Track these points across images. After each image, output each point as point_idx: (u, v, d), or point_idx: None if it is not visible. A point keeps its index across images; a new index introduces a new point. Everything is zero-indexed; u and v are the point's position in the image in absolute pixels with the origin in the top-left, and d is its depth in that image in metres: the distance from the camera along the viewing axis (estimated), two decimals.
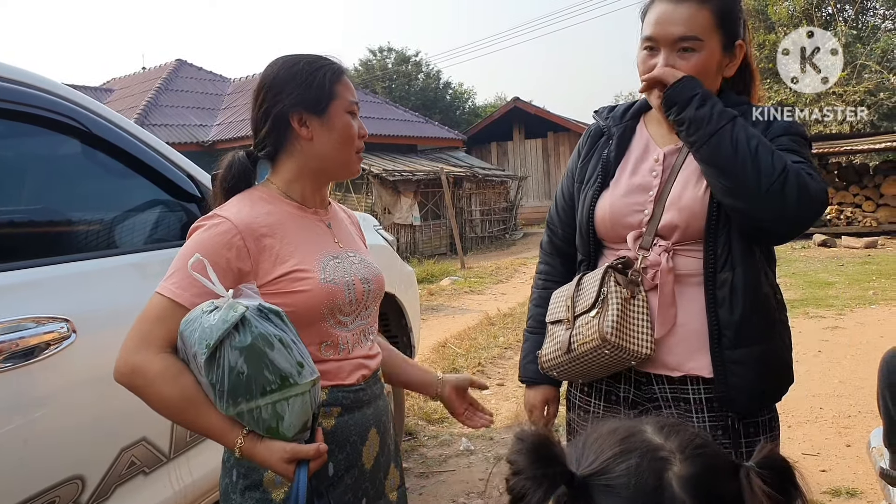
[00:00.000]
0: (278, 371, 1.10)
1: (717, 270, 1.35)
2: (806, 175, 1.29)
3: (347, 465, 1.31)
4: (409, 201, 15.64)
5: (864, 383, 4.48)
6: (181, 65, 20.08)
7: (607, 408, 1.50)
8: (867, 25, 18.15)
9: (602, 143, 1.55)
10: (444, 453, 3.77)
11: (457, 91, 34.30)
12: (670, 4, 1.36)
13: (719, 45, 1.37)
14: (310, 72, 1.33)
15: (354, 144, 1.38)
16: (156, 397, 1.17)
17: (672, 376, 1.40)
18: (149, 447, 1.82)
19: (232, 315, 1.09)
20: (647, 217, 1.41)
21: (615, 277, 1.39)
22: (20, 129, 1.84)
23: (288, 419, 1.12)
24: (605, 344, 1.33)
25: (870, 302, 7.42)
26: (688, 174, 1.39)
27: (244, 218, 1.27)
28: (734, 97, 1.45)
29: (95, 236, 2.03)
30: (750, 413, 1.38)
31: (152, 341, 1.17)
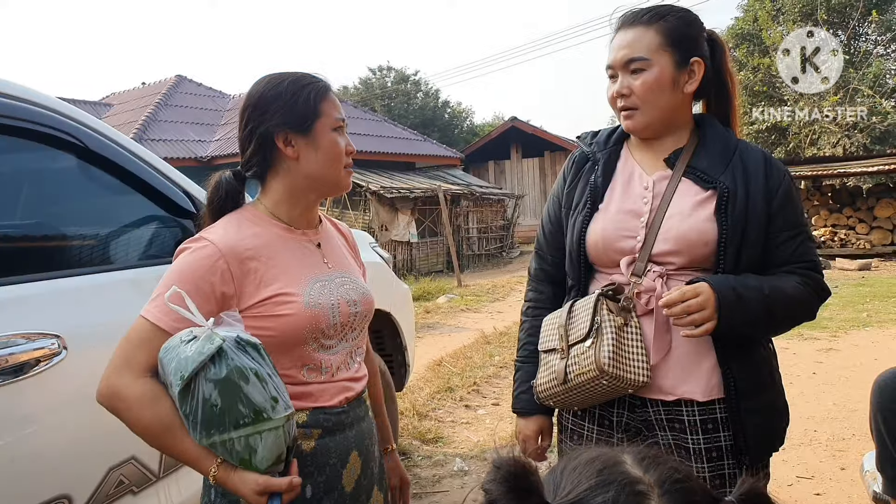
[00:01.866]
0: (252, 405, 1.10)
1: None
2: (819, 273, 1.41)
3: (327, 488, 1.30)
4: (406, 218, 15.66)
5: (858, 406, 4.47)
6: (181, 80, 20.17)
7: (600, 431, 1.49)
8: (859, 50, 18.35)
9: (588, 168, 1.56)
10: (437, 473, 3.74)
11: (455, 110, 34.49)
12: (622, 32, 1.44)
13: (671, 62, 1.40)
14: (294, 91, 1.32)
15: (342, 161, 1.37)
16: (133, 421, 1.18)
17: (666, 400, 1.40)
18: (138, 466, 1.80)
19: (208, 347, 1.09)
20: (639, 244, 1.42)
21: (607, 305, 1.40)
22: (15, 145, 1.84)
23: (261, 452, 1.12)
24: (603, 375, 1.34)
25: (864, 324, 7.43)
26: (683, 204, 1.40)
27: (229, 241, 1.26)
28: (720, 129, 1.47)
29: (89, 252, 2.02)
30: (763, 455, 1.40)
31: (133, 365, 1.18)
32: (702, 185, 1.40)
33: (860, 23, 18.21)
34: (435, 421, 4.62)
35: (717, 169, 1.40)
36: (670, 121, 1.45)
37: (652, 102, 1.41)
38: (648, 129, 1.46)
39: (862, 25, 18.50)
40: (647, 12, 1.43)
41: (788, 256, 1.39)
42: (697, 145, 1.44)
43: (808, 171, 14.78)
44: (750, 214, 1.37)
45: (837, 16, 17.98)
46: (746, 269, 1.37)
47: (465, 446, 4.17)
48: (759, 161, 1.41)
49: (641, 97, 1.41)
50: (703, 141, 1.45)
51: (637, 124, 1.44)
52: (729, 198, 1.37)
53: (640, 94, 1.40)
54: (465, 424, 4.60)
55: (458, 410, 4.92)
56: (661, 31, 1.40)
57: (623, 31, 1.44)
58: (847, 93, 16.93)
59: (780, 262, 1.40)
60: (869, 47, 18.76)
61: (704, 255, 1.38)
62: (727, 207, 1.36)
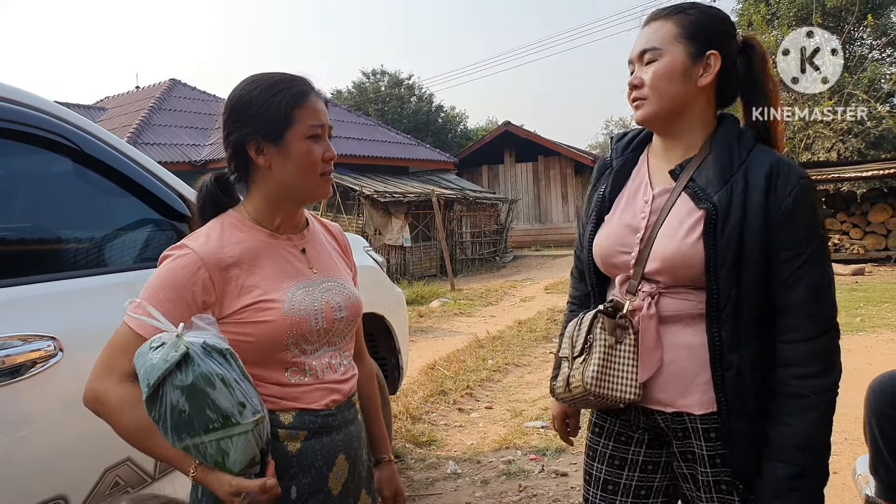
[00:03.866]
0: (220, 410, 1.11)
1: (723, 352, 1.33)
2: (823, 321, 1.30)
3: (312, 490, 1.30)
4: (399, 223, 15.67)
5: (850, 410, 4.45)
6: (175, 84, 20.13)
7: (623, 424, 1.53)
8: (855, 55, 18.46)
9: (605, 176, 1.56)
10: (431, 476, 3.74)
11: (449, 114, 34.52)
12: (644, 29, 1.44)
13: (684, 52, 1.37)
14: (266, 98, 1.29)
15: (316, 170, 1.33)
16: (116, 425, 1.20)
17: (666, 411, 1.41)
18: (133, 468, 1.80)
19: (173, 354, 1.10)
20: (633, 260, 1.41)
21: (602, 322, 1.41)
22: (10, 147, 1.84)
23: (233, 456, 1.13)
24: (589, 393, 1.39)
25: (857, 329, 7.45)
26: (674, 223, 1.37)
27: (211, 248, 1.26)
28: (733, 135, 1.39)
29: (85, 254, 2.02)
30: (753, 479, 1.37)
31: (115, 370, 1.20)
32: (696, 202, 1.35)
33: (855, 27, 18.34)
34: (428, 424, 4.62)
35: (715, 185, 1.33)
36: (679, 115, 1.40)
37: (659, 91, 1.38)
38: (656, 119, 1.42)
39: (857, 30, 18.62)
40: (670, 7, 1.42)
41: (786, 280, 1.29)
42: (707, 156, 1.39)
43: None
44: (746, 234, 1.29)
45: (833, 20, 18.08)
46: (748, 291, 1.30)
47: (459, 449, 4.17)
48: (764, 172, 1.31)
49: (651, 86, 1.38)
50: (712, 150, 1.38)
51: (644, 114, 1.41)
52: (717, 218, 1.30)
53: (650, 84, 1.38)
54: (458, 428, 4.60)
55: (452, 414, 4.93)
56: (678, 22, 1.39)
57: (645, 27, 1.43)
58: (842, 97, 17.00)
59: (782, 288, 1.30)
60: (864, 52, 18.89)
61: (692, 277, 1.34)
62: (715, 228, 1.30)
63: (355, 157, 16.79)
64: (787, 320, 1.31)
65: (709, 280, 1.31)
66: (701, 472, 1.39)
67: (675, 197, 1.39)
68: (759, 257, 1.29)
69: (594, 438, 1.57)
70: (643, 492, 1.50)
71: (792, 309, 1.30)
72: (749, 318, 1.31)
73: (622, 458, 1.52)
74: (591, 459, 1.58)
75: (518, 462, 3.86)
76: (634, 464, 1.51)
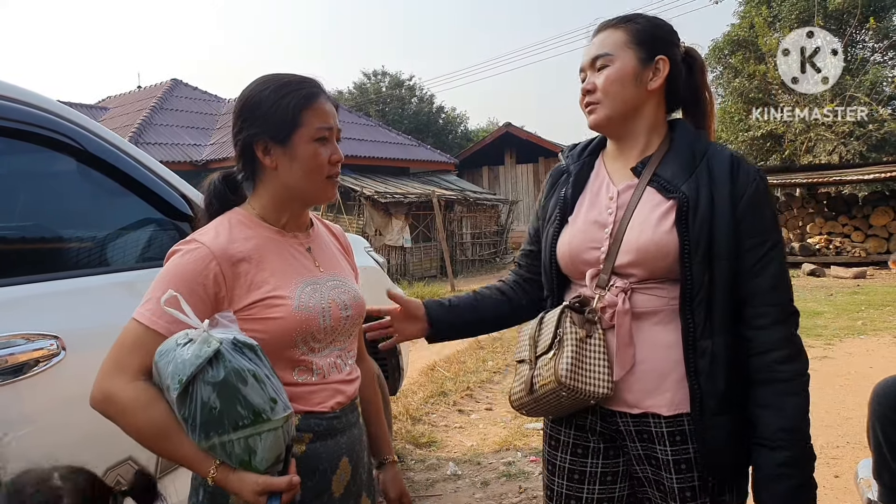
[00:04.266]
0: (251, 406, 1.09)
1: (696, 339, 1.35)
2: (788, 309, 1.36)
3: (315, 493, 1.30)
4: (400, 223, 15.66)
5: (852, 414, 4.49)
6: (176, 84, 20.14)
7: (577, 436, 1.51)
8: (856, 58, 18.43)
9: (562, 181, 1.58)
10: (431, 477, 3.74)
11: (449, 115, 34.53)
12: (593, 39, 1.49)
13: (634, 58, 1.42)
14: (275, 99, 1.29)
15: (322, 172, 1.33)
16: (128, 425, 1.17)
17: (632, 413, 1.41)
18: (135, 466, 1.79)
19: (206, 350, 1.08)
20: (603, 255, 1.42)
21: (571, 317, 1.40)
22: (14, 146, 1.84)
23: (260, 453, 1.12)
24: (562, 387, 1.35)
25: (859, 332, 7.45)
26: (644, 214, 1.39)
27: (221, 243, 1.26)
28: (691, 134, 1.45)
29: (87, 254, 2.02)
30: (727, 475, 1.38)
31: (127, 368, 1.16)
32: (664, 194, 1.38)
33: (857, 30, 18.30)
34: (428, 425, 4.62)
35: (681, 177, 1.38)
36: (632, 117, 1.45)
37: (613, 95, 1.42)
38: (610, 123, 1.46)
39: (859, 32, 18.58)
40: (617, 17, 1.49)
41: (752, 268, 1.34)
42: (666, 152, 1.44)
43: (804, 179, 14.85)
44: (716, 222, 1.33)
45: (834, 22, 18.04)
46: (720, 279, 1.33)
47: (459, 450, 4.17)
48: (726, 165, 1.37)
49: (603, 90, 1.43)
50: (672, 147, 1.44)
51: (599, 118, 1.45)
52: (689, 207, 1.34)
53: (602, 88, 1.43)
54: (458, 429, 4.60)
55: (452, 415, 4.93)
56: (627, 30, 1.45)
57: (594, 37, 1.49)
58: (844, 100, 16.96)
59: (748, 277, 1.35)
60: (866, 54, 18.85)
61: (666, 268, 1.36)
62: (687, 218, 1.34)
63: (356, 158, 16.79)
64: (755, 308, 1.35)
65: (683, 268, 1.34)
66: (666, 478, 1.39)
67: (641, 191, 1.42)
68: (728, 246, 1.34)
69: (551, 452, 1.56)
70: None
71: (760, 296, 1.34)
72: (721, 306, 1.34)
73: (581, 471, 1.51)
74: (550, 474, 1.56)
75: (518, 463, 3.86)
76: (594, 476, 1.50)
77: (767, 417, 1.32)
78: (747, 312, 1.36)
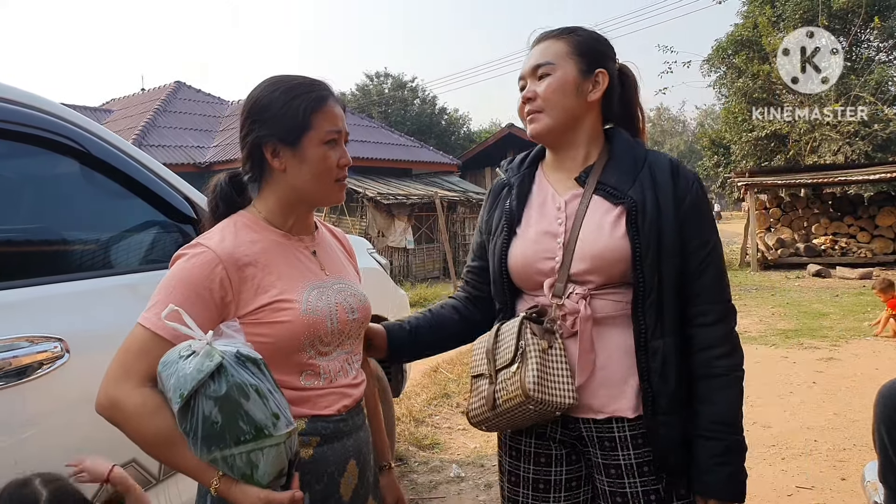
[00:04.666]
0: (253, 422, 1.08)
1: (647, 339, 1.38)
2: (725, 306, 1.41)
3: (324, 497, 1.29)
4: (403, 225, 15.66)
5: (859, 416, 4.46)
6: (180, 87, 20.21)
7: (538, 445, 1.51)
8: (861, 57, 18.35)
9: (504, 194, 1.59)
10: (434, 479, 3.73)
11: (452, 117, 34.55)
12: (533, 48, 1.51)
13: (575, 69, 1.45)
14: (285, 101, 1.29)
15: (331, 175, 1.33)
16: (133, 432, 1.16)
17: (597, 419, 1.42)
18: (138, 469, 1.79)
19: (207, 365, 1.07)
20: (557, 264, 1.43)
21: (531, 328, 1.40)
22: (18, 149, 1.84)
23: (262, 468, 1.11)
24: (529, 400, 1.34)
25: (865, 333, 7.42)
26: (595, 222, 1.41)
27: (227, 247, 1.25)
28: (629, 142, 1.49)
29: (91, 256, 2.02)
30: (682, 473, 1.40)
31: (132, 374, 1.16)
32: (612, 200, 1.41)
33: (862, 29, 18.21)
34: (431, 427, 4.61)
35: (626, 183, 1.41)
36: (573, 128, 1.47)
37: (554, 104, 1.44)
38: (551, 133, 1.47)
39: (864, 32, 18.49)
40: (558, 29, 1.50)
41: (696, 269, 1.39)
42: (608, 161, 1.46)
43: (809, 179, 14.79)
44: (663, 224, 1.38)
45: (839, 22, 17.96)
46: (668, 280, 1.37)
47: (462, 452, 4.16)
48: (667, 171, 1.42)
49: (545, 98, 1.44)
50: (612, 156, 1.47)
51: (540, 127, 1.46)
52: (638, 211, 1.38)
53: (544, 96, 1.44)
54: (461, 431, 4.59)
55: (455, 417, 4.92)
56: (569, 41, 1.47)
57: (535, 46, 1.50)
58: (849, 100, 16.87)
59: (692, 277, 1.39)
60: (871, 54, 18.75)
61: (621, 272, 1.39)
62: (637, 221, 1.37)
63: (359, 160, 16.80)
64: (698, 307, 1.40)
65: (635, 271, 1.37)
66: (629, 483, 1.40)
67: (588, 199, 1.44)
68: (674, 248, 1.38)
69: (513, 462, 1.55)
70: None
71: (703, 295, 1.40)
72: (669, 307, 1.38)
73: (546, 480, 1.51)
74: (513, 485, 1.55)
75: None
76: (559, 484, 1.50)
77: (705, 411, 1.38)
78: (690, 311, 1.41)
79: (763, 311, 9.44)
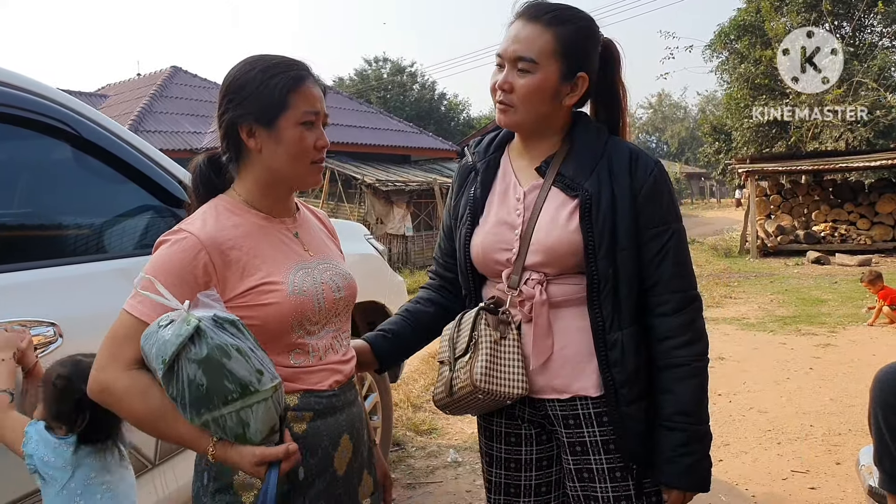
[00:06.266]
0: (238, 380, 1.10)
1: (605, 331, 1.39)
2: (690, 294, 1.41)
3: (319, 471, 1.30)
4: (401, 212, 15.63)
5: (855, 401, 4.48)
6: (176, 72, 20.06)
7: (509, 425, 1.54)
8: (864, 43, 18.16)
9: (471, 179, 1.58)
10: (431, 464, 3.75)
11: (451, 102, 34.45)
12: (521, 23, 1.42)
13: (557, 72, 1.40)
14: (262, 80, 1.27)
15: (307, 157, 1.31)
16: (126, 413, 1.20)
17: (561, 398, 1.44)
18: (134, 453, 1.79)
19: (185, 329, 1.09)
20: (513, 255, 1.44)
21: (486, 319, 1.42)
22: (11, 133, 1.83)
23: (254, 425, 1.13)
24: (477, 390, 1.38)
25: (863, 320, 7.44)
26: (550, 215, 1.42)
27: (209, 231, 1.24)
28: (591, 132, 1.46)
29: (84, 241, 2.01)
30: (648, 460, 1.42)
31: (120, 359, 1.18)
32: (568, 192, 1.41)
33: (865, 14, 18.06)
34: (429, 413, 4.63)
35: (583, 175, 1.40)
36: (543, 126, 1.47)
37: (529, 106, 1.41)
38: (520, 129, 1.49)
39: (867, 17, 18.34)
40: (551, 12, 1.41)
41: (654, 258, 1.38)
42: (569, 151, 1.45)
43: (809, 166, 14.77)
44: (618, 216, 1.37)
45: (843, 6, 17.82)
46: (624, 270, 1.37)
47: (459, 438, 4.18)
48: (624, 160, 1.40)
49: (520, 98, 1.41)
50: (573, 145, 1.45)
51: (510, 121, 1.45)
52: (592, 204, 1.37)
53: (520, 95, 1.40)
54: (458, 416, 4.60)
55: None
56: (557, 37, 1.39)
57: (522, 22, 1.41)
58: (851, 86, 16.75)
59: (650, 266, 1.39)
60: (874, 39, 18.60)
61: (575, 264, 1.40)
62: (590, 214, 1.37)
63: (357, 146, 16.75)
64: (658, 296, 1.40)
65: (588, 263, 1.38)
66: (595, 459, 1.43)
67: (546, 191, 1.44)
68: (630, 238, 1.38)
69: (487, 443, 1.59)
70: (544, 488, 1.54)
71: (662, 284, 1.39)
72: (627, 297, 1.38)
73: (517, 459, 1.54)
74: (489, 465, 1.59)
75: None
76: (530, 463, 1.53)
77: (666, 401, 1.39)
78: (650, 301, 1.40)
79: (762, 297, 9.45)
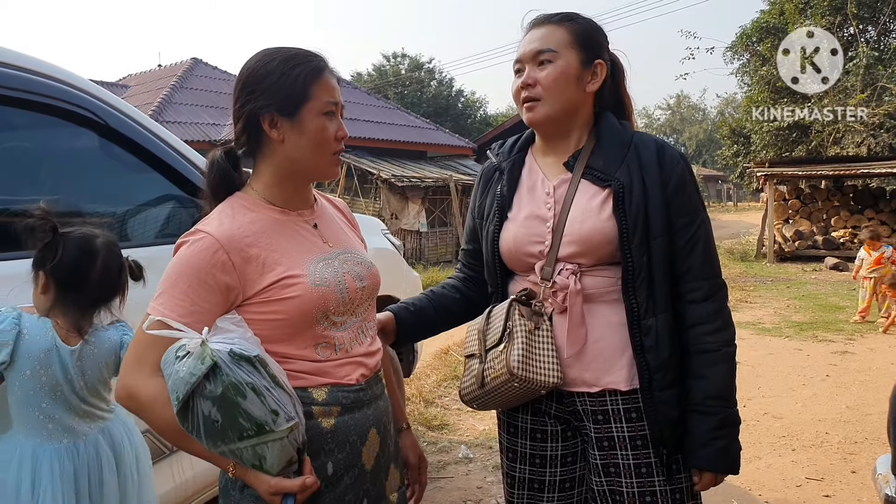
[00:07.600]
0: (253, 419, 1.10)
1: (640, 317, 1.41)
2: (715, 280, 1.44)
3: (347, 465, 1.30)
4: (416, 207, 15.65)
5: (872, 410, 4.43)
6: (196, 63, 20.17)
7: (534, 421, 1.55)
8: (889, 47, 17.89)
9: (496, 179, 1.61)
10: (442, 460, 3.76)
11: (469, 99, 34.39)
12: (532, 31, 1.51)
13: (577, 59, 1.46)
14: (283, 71, 1.27)
15: (329, 148, 1.32)
16: (149, 421, 1.20)
17: (591, 392, 1.45)
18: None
19: (199, 367, 1.07)
20: (546, 248, 1.47)
21: (519, 310, 1.44)
22: (39, 120, 1.85)
23: (270, 459, 1.13)
24: (514, 378, 1.39)
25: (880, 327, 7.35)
26: (582, 206, 1.45)
27: (226, 231, 1.24)
28: (616, 125, 1.51)
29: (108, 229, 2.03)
30: (678, 446, 1.43)
31: (145, 363, 1.18)
32: (599, 184, 1.44)
33: (891, 18, 17.78)
34: (441, 408, 4.64)
35: (613, 166, 1.44)
36: (570, 117, 1.49)
37: (555, 94, 1.45)
38: (549, 121, 1.49)
39: (892, 21, 18.07)
40: (558, 14, 1.50)
41: (684, 247, 1.42)
42: (595, 145, 1.48)
43: (830, 171, 14.56)
44: (650, 205, 1.40)
45: (868, 10, 17.53)
46: (657, 259, 1.40)
47: (471, 434, 4.19)
48: (653, 151, 1.44)
49: (546, 87, 1.45)
50: (599, 140, 1.49)
51: (538, 115, 1.47)
52: (625, 193, 1.41)
53: (545, 84, 1.45)
54: (470, 413, 4.61)
55: None
56: (570, 30, 1.47)
57: (534, 29, 1.50)
58: (875, 91, 16.54)
59: (680, 254, 1.42)
60: None
61: (609, 253, 1.42)
62: (624, 203, 1.41)
63: (373, 141, 16.77)
64: (688, 283, 1.44)
65: (623, 251, 1.41)
66: (622, 455, 1.44)
67: (576, 184, 1.47)
68: (662, 227, 1.41)
69: (511, 439, 1.60)
70: (567, 484, 1.55)
71: (693, 272, 1.43)
72: (660, 284, 1.41)
73: (542, 455, 1.55)
74: (511, 461, 1.60)
75: None
76: (555, 459, 1.55)
77: (698, 386, 1.41)
78: (681, 288, 1.44)
79: (778, 302, 9.37)
